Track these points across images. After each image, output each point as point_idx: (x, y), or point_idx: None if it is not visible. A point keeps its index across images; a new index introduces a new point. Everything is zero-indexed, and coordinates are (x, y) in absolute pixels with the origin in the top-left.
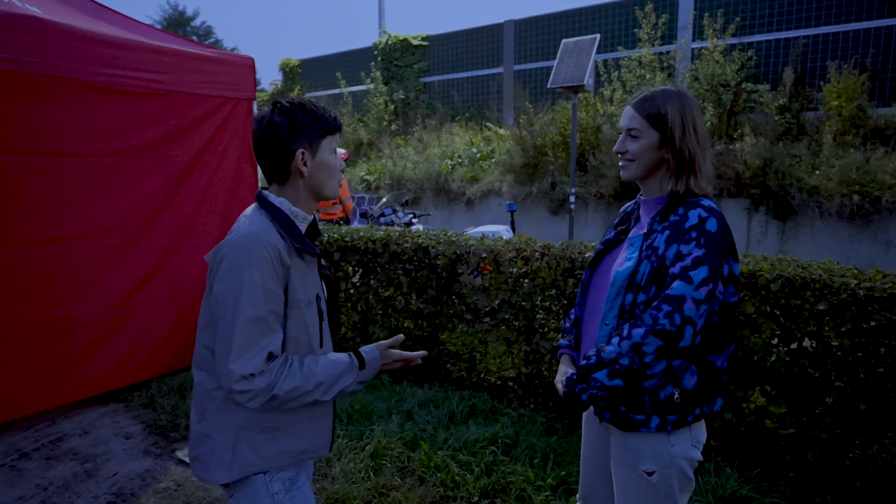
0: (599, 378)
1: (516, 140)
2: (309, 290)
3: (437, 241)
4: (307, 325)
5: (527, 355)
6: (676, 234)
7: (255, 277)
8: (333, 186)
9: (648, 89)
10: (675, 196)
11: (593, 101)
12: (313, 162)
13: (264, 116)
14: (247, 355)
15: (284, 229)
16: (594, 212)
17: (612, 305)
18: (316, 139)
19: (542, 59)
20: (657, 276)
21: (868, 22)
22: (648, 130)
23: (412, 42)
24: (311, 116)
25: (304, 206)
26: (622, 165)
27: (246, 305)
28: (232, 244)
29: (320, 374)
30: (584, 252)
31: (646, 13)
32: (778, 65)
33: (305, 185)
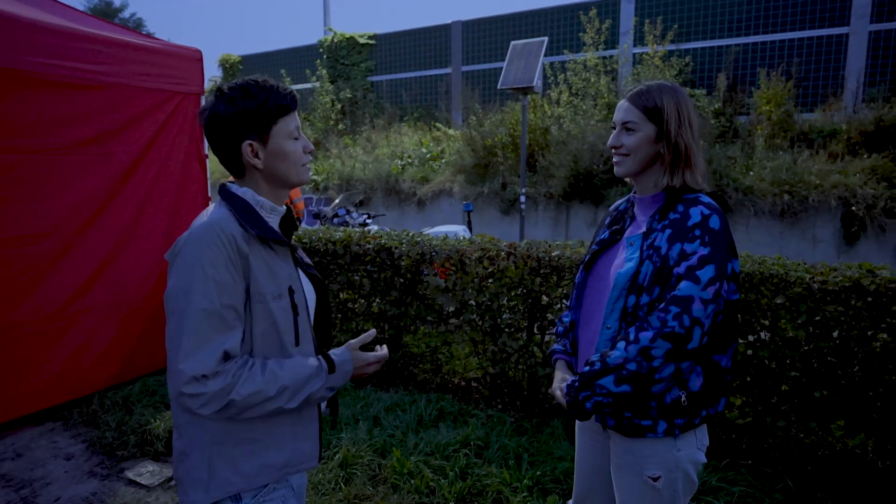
0: (605, 385)
1: (466, 140)
2: (278, 282)
3: (400, 242)
4: (276, 321)
5: (494, 355)
6: (679, 232)
7: (207, 268)
8: (298, 172)
9: (642, 83)
10: (673, 192)
11: (541, 102)
12: (266, 152)
13: (206, 107)
14: (198, 354)
15: (243, 217)
16: (544, 211)
17: (613, 308)
18: (265, 126)
19: (490, 60)
20: (661, 277)
21: (793, 33)
22: (645, 124)
23: (359, 40)
24: (257, 101)
25: (270, 196)
26: (617, 161)
27: (197, 298)
28: (187, 237)
29: (284, 378)
30: (549, 251)
31: (590, 18)
32: (713, 71)
33: (264, 176)
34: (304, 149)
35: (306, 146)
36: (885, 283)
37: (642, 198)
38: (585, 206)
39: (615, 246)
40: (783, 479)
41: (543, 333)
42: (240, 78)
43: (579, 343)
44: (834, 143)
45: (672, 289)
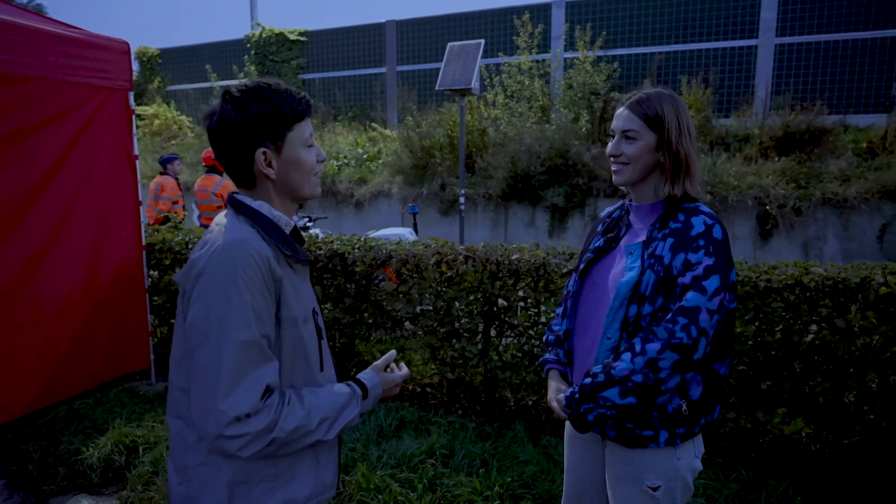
0: (610, 397)
1: (404, 141)
2: (304, 305)
3: (353, 247)
4: (306, 347)
5: (453, 361)
6: (682, 241)
7: (244, 293)
8: (311, 183)
9: (641, 91)
10: (673, 200)
11: (477, 104)
12: (280, 160)
13: (214, 112)
14: (240, 390)
15: (271, 235)
16: (483, 212)
17: (614, 318)
18: (280, 132)
19: (426, 60)
20: (663, 287)
21: (710, 43)
22: (646, 132)
23: (289, 36)
24: (271, 105)
25: (282, 210)
26: (616, 170)
27: (234, 328)
28: (210, 256)
29: (324, 409)
30: (508, 255)
31: (523, 22)
32: (638, 77)
33: (277, 187)
34: (317, 157)
35: (319, 155)
36: (821, 279)
37: (640, 206)
38: (524, 207)
39: (611, 254)
40: (736, 469)
41: (501, 337)
42: (250, 81)
43: (575, 353)
44: (748, 147)
45: (677, 299)
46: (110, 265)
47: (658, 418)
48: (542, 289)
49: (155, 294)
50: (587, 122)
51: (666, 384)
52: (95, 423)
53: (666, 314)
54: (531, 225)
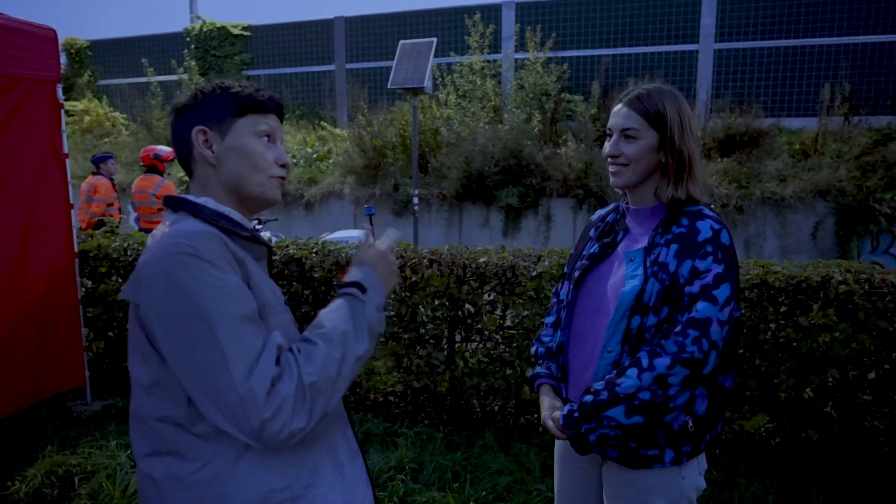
0: (615, 416)
1: (355, 141)
2: (276, 294)
3: (311, 252)
4: (289, 335)
5: (418, 368)
6: (688, 247)
7: (213, 271)
8: (263, 182)
9: (640, 86)
10: (675, 203)
11: (429, 103)
12: (223, 145)
13: (180, 103)
14: (258, 365)
15: (220, 223)
16: (437, 212)
17: (615, 330)
18: (226, 117)
19: (376, 58)
20: (669, 296)
21: (655, 47)
22: (647, 131)
23: (232, 31)
24: (222, 91)
25: (230, 204)
26: (614, 171)
27: (223, 307)
28: (155, 253)
29: (336, 328)
30: (475, 258)
31: (474, 22)
32: (587, 78)
33: (218, 177)
34: (275, 158)
35: (279, 157)
36: (786, 278)
37: (638, 209)
38: (478, 207)
39: (607, 260)
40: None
41: (467, 343)
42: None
43: (570, 367)
44: None
45: (685, 309)
46: (38, 274)
47: (664, 436)
48: (510, 292)
49: (90, 305)
50: (539, 123)
51: (675, 401)
52: (23, 451)
53: (673, 326)
54: (486, 225)
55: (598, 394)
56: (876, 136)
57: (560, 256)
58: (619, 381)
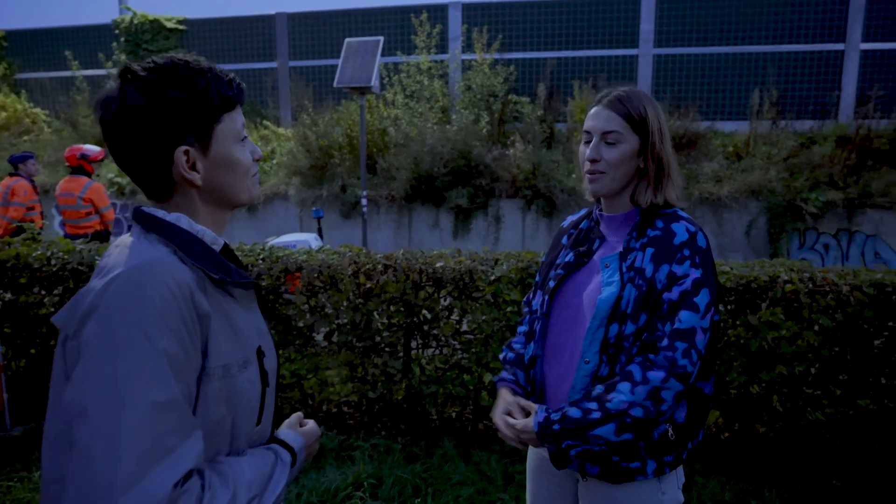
0: (604, 435)
1: (300, 141)
2: (245, 344)
3: (257, 258)
4: (241, 400)
5: (373, 378)
6: (664, 251)
7: (156, 337)
8: (249, 187)
9: (617, 88)
10: (651, 208)
11: (376, 103)
12: (208, 161)
13: (111, 97)
14: (147, 478)
15: (193, 255)
16: (386, 214)
17: (592, 339)
18: (206, 125)
19: (321, 56)
20: (647, 303)
21: (599, 51)
22: (630, 135)
23: (165, 24)
24: (192, 88)
25: (209, 223)
26: (592, 178)
27: (141, 386)
28: (106, 288)
29: (252, 485)
30: (431, 262)
31: (421, 22)
32: (533, 80)
33: (203, 195)
34: (252, 155)
35: (255, 152)
36: (737, 278)
37: (612, 216)
38: (427, 209)
39: (583, 269)
40: None
41: (424, 350)
42: (159, 56)
43: (546, 380)
44: None
45: (666, 318)
46: None
47: (644, 447)
48: (467, 297)
49: (7, 320)
50: (487, 124)
51: (665, 416)
52: None
53: (656, 337)
54: (435, 226)
55: (587, 412)
56: (801, 140)
57: (518, 260)
58: (610, 398)
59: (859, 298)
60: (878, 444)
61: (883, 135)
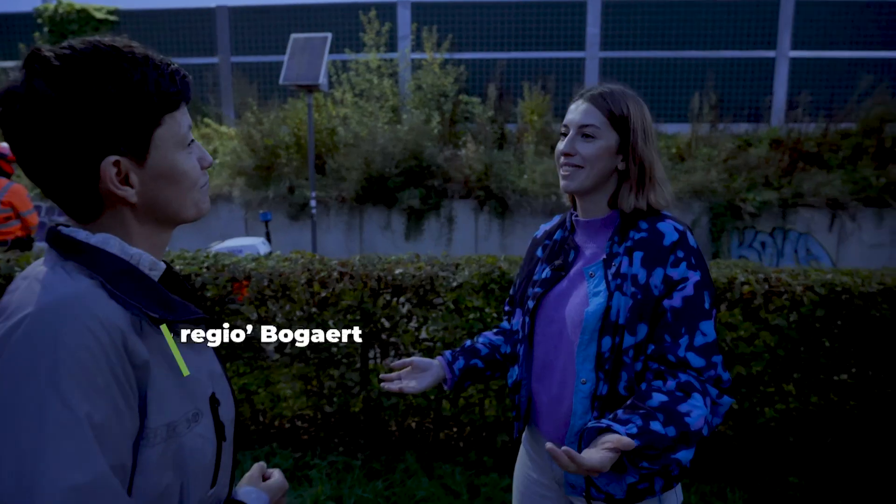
0: (683, 459)
1: (244, 140)
2: (193, 394)
3: (201, 266)
4: (186, 464)
5: (330, 391)
6: (654, 254)
7: (73, 400)
8: (197, 201)
9: (601, 85)
10: (634, 213)
11: (324, 102)
12: (144, 172)
13: (14, 89)
14: None
15: (125, 288)
16: (336, 216)
17: (585, 356)
18: (144, 128)
19: (265, 52)
20: (644, 312)
21: (548, 52)
22: (608, 131)
23: (95, 14)
24: (122, 83)
25: (146, 244)
26: (566, 174)
27: (57, 467)
28: (9, 336)
29: None
30: (390, 269)
31: (370, 19)
32: (484, 80)
33: (139, 213)
34: (200, 163)
35: (203, 159)
36: None
37: (590, 221)
38: (379, 210)
39: (562, 282)
40: None
41: (384, 359)
42: (79, 40)
43: (536, 404)
44: None
45: (674, 328)
46: None
47: None
48: (428, 304)
49: None
50: (438, 124)
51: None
52: None
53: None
54: (387, 228)
55: (661, 426)
56: (738, 142)
57: (479, 265)
58: (687, 410)
59: (812, 298)
60: (830, 438)
61: (812, 138)
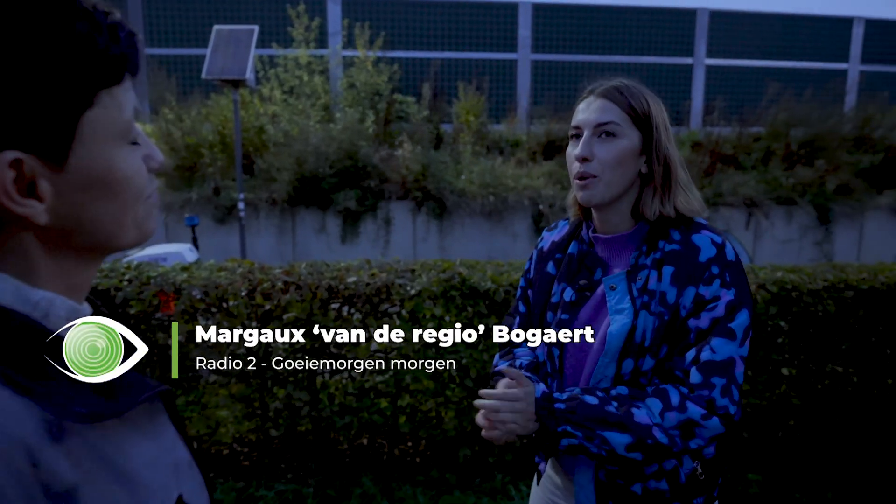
0: (612, 442)
1: (162, 137)
2: (140, 498)
3: (121, 279)
4: None
5: (276, 413)
6: (689, 271)
7: None
8: (140, 219)
9: (613, 78)
10: (662, 221)
11: (250, 98)
12: (62, 178)
13: None
14: None
15: (25, 369)
16: (267, 218)
17: (602, 377)
18: (66, 111)
19: (183, 44)
20: (669, 333)
21: (481, 53)
22: (630, 129)
23: None
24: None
25: (64, 284)
26: (584, 184)
27: None
28: None
29: None
30: (342, 277)
31: (298, 13)
32: (418, 79)
33: (51, 239)
34: (147, 163)
35: (152, 157)
36: None
37: (612, 238)
38: (313, 212)
39: (588, 304)
40: None
41: (334, 376)
42: None
43: None
44: (519, 152)
45: (691, 346)
46: None
47: (670, 491)
48: (382, 314)
49: None
50: (373, 123)
51: (690, 453)
52: None
53: (676, 366)
54: (322, 231)
55: (605, 401)
56: None
57: (437, 271)
58: (638, 406)
59: (764, 297)
60: (781, 432)
61: (728, 141)
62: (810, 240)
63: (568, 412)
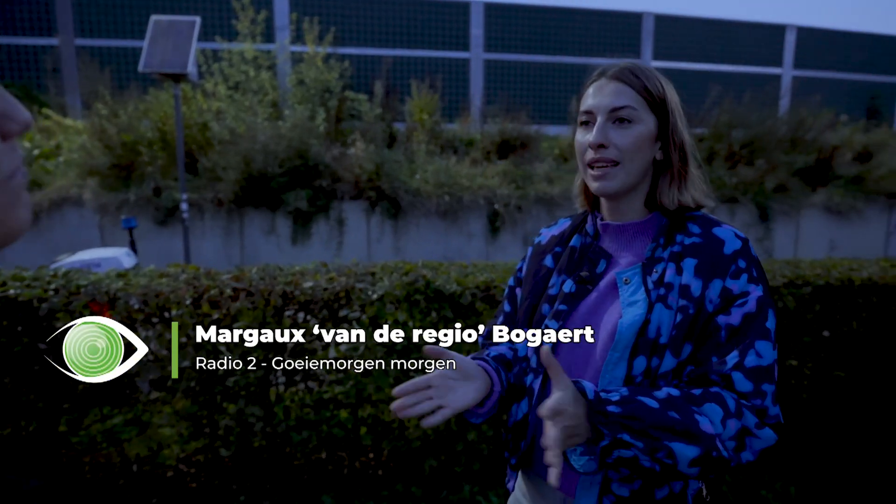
0: (679, 455)
1: (96, 134)
2: None
3: (45, 288)
4: None
5: (227, 431)
6: (714, 263)
7: None
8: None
9: (625, 60)
10: (678, 211)
11: (192, 94)
12: None
13: None
14: None
15: None
16: (212, 220)
17: (610, 380)
18: None
19: (118, 35)
20: (692, 330)
21: (434, 52)
22: (647, 114)
23: None
24: None
25: None
26: (600, 173)
27: None
28: None
29: None
30: (297, 282)
31: (243, 6)
32: (370, 77)
33: None
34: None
35: (10, 115)
36: None
37: (623, 225)
38: (262, 213)
39: (590, 296)
40: None
41: (289, 388)
42: None
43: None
44: (474, 151)
45: (727, 348)
46: None
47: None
48: (342, 320)
49: None
50: (324, 121)
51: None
52: None
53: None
54: (272, 232)
55: (667, 404)
56: None
57: (400, 273)
58: (702, 412)
59: None
60: None
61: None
62: (752, 237)
63: (627, 417)
